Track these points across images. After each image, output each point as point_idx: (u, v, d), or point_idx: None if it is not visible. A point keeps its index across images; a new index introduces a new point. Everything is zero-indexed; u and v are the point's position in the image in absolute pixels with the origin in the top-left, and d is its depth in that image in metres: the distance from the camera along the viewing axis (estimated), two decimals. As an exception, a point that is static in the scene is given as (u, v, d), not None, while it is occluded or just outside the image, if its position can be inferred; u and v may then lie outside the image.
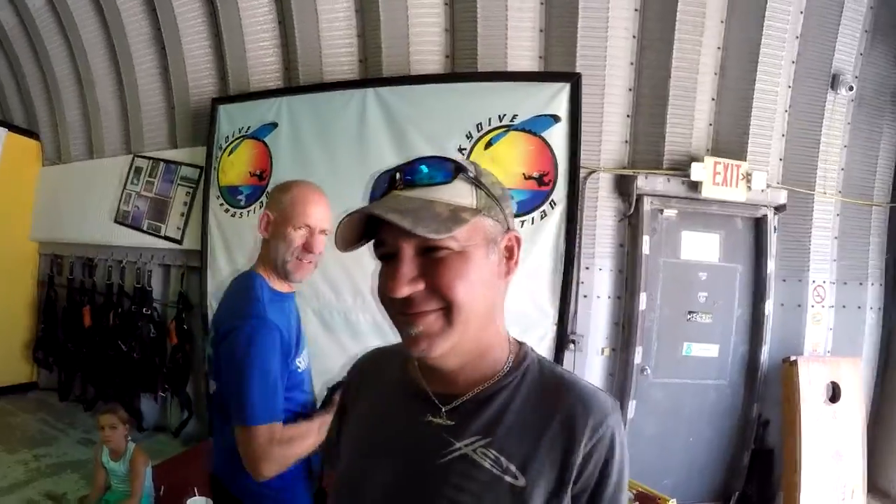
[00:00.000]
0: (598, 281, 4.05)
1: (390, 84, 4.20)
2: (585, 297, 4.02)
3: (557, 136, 3.70)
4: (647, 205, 3.93)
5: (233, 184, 4.73)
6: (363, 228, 0.87)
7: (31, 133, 6.94)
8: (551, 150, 3.71)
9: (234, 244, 4.71)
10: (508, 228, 0.92)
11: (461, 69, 4.21)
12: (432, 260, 0.82)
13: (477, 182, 0.87)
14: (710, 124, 4.04)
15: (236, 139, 4.74)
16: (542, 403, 0.90)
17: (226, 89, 5.06)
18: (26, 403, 6.46)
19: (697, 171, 3.79)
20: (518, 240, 0.92)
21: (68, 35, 5.96)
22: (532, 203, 3.74)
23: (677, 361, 4.07)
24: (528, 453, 0.86)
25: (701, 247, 4.10)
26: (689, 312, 4.05)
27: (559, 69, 3.93)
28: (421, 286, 0.82)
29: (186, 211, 5.30)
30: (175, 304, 5.39)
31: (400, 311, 0.85)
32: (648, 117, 3.99)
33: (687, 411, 4.11)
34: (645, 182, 3.91)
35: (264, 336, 1.69)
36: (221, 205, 4.78)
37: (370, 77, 4.42)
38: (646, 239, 3.92)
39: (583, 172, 3.88)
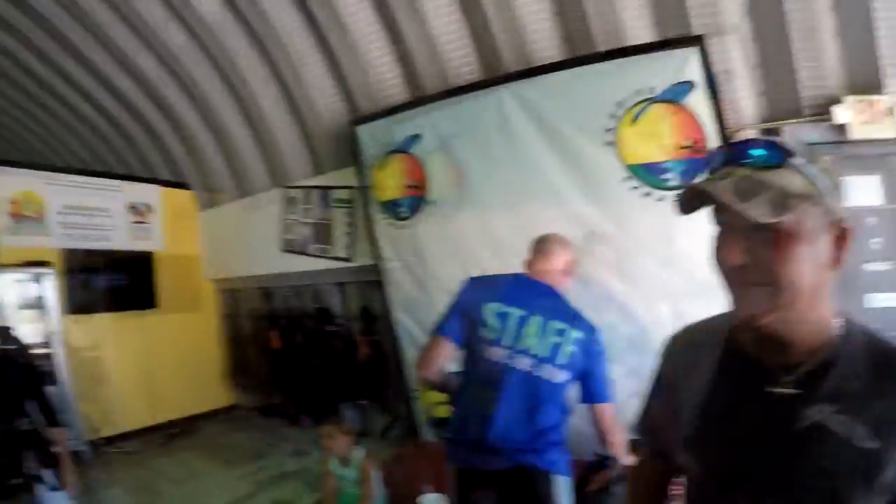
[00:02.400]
0: None
1: (519, 78, 4.17)
2: None
3: (698, 101, 3.60)
4: None
5: (392, 198, 4.92)
6: (700, 199, 0.91)
7: (180, 185, 7.62)
8: (695, 116, 3.61)
9: (406, 255, 4.94)
10: (839, 219, 0.91)
11: (581, 51, 4.09)
12: (761, 237, 0.86)
13: (809, 168, 0.87)
14: (840, 61, 3.69)
15: (384, 155, 4.90)
16: (883, 367, 0.89)
17: (357, 110, 5.24)
18: (233, 423, 7.32)
19: (841, 113, 3.55)
20: (848, 231, 0.91)
21: (191, 89, 6.36)
22: (691, 173, 3.63)
23: (863, 315, 3.70)
24: (879, 416, 0.86)
25: (863, 191, 3.77)
26: (865, 262, 3.75)
27: (676, 33, 3.75)
28: (748, 259, 0.87)
29: (350, 230, 5.66)
30: (358, 317, 5.80)
31: (731, 277, 0.91)
32: (776, 65, 3.76)
33: None
34: (791, 133, 3.70)
35: None
36: (385, 219, 5.00)
37: (495, 76, 4.39)
38: None
39: (729, 133, 3.71)
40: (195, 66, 6.03)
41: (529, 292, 2.44)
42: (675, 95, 3.63)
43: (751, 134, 3.74)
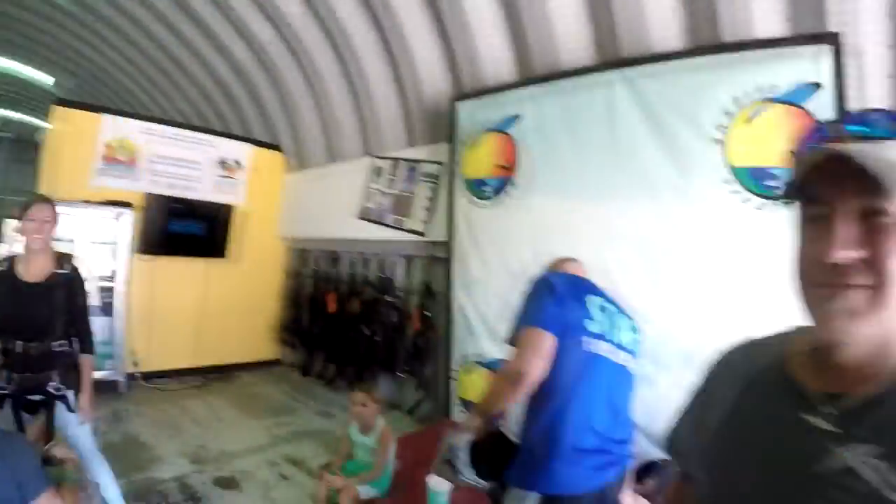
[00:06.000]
0: None
1: (633, 65, 4.05)
2: None
3: (821, 106, 3.28)
4: None
5: (478, 176, 4.93)
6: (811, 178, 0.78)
7: (273, 146, 7.98)
8: (817, 122, 3.34)
9: (480, 235, 4.91)
10: None
11: (703, 42, 3.91)
12: (874, 226, 0.73)
13: None
14: None
15: (479, 133, 4.94)
16: None
17: (461, 88, 5.30)
18: (271, 377, 7.49)
19: None
20: None
21: (300, 58, 6.63)
22: None
23: None
24: None
25: None
26: None
27: (809, 30, 3.44)
28: (856, 253, 0.73)
29: (430, 205, 5.69)
30: (417, 292, 5.82)
31: (824, 281, 0.76)
32: None
33: None
34: None
35: None
36: (467, 197, 5.01)
37: (609, 60, 4.30)
38: None
39: None
40: (306, 34, 6.30)
41: (606, 293, 2.37)
42: (798, 97, 3.37)
43: None
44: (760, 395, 0.92)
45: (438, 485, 3.15)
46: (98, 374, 5.03)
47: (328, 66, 6.43)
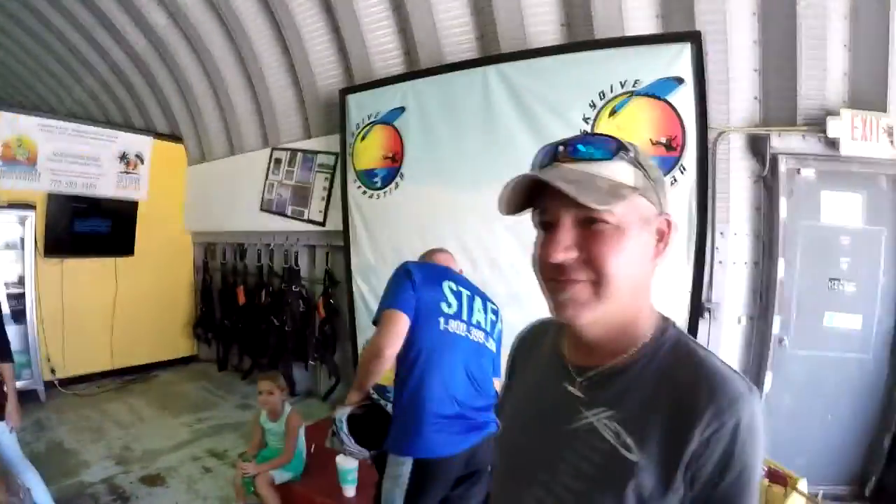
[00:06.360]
0: (733, 247, 3.89)
1: (510, 60, 4.24)
2: (721, 263, 3.88)
3: (683, 99, 3.58)
4: (783, 165, 3.68)
5: (368, 167, 5.07)
6: (526, 195, 0.90)
7: (174, 137, 7.79)
8: (677, 114, 3.60)
9: (373, 224, 5.08)
10: (662, 211, 0.93)
11: (579, 37, 4.12)
12: (589, 232, 0.85)
13: (636, 162, 0.88)
14: (846, 73, 3.64)
15: (367, 125, 5.06)
16: (668, 380, 0.87)
17: (351, 79, 5.38)
18: (188, 374, 7.49)
19: (834, 127, 3.48)
20: (671, 224, 0.93)
21: (195, 46, 6.51)
22: (666, 168, 3.61)
23: (817, 333, 3.80)
24: (646, 430, 0.84)
25: (842, 209, 3.76)
26: (831, 280, 3.76)
27: (679, 28, 3.73)
28: (575, 255, 0.85)
29: (326, 195, 5.79)
30: (322, 281, 5.94)
31: (552, 276, 0.88)
32: (778, 71, 3.69)
33: (826, 387, 3.81)
34: (779, 141, 3.67)
35: None
36: (359, 188, 5.14)
37: (490, 54, 4.48)
38: (783, 201, 3.70)
39: (712, 134, 3.73)
40: (203, 24, 6.20)
41: (463, 278, 2.65)
42: (659, 90, 3.65)
43: (734, 137, 3.83)
44: (539, 367, 1.09)
45: (346, 462, 3.39)
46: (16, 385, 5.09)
47: (224, 56, 6.38)
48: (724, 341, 3.90)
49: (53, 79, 8.80)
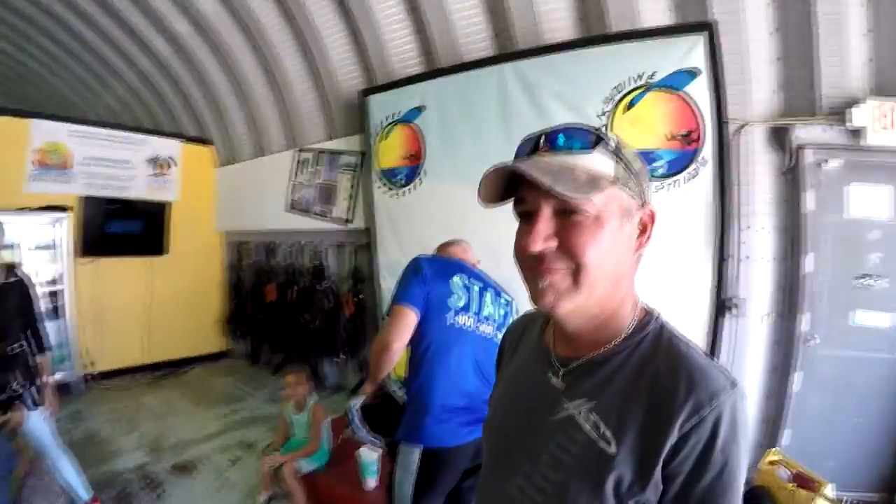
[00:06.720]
0: (759, 241, 3.77)
1: (525, 56, 4.27)
2: (747, 258, 3.77)
3: (699, 91, 3.55)
4: (808, 157, 3.52)
5: (390, 166, 5.20)
6: (505, 186, 0.91)
7: (203, 140, 8.07)
8: (694, 106, 3.57)
9: (397, 221, 5.22)
10: (644, 203, 0.93)
11: (594, 31, 4.09)
12: (568, 222, 0.85)
13: (616, 154, 0.88)
14: (871, 59, 3.43)
15: (388, 125, 5.19)
16: (648, 373, 0.87)
17: (372, 80, 5.50)
18: (221, 369, 7.76)
19: (858, 116, 3.31)
20: (653, 216, 0.94)
21: (219, 53, 6.71)
22: (680, 163, 3.63)
23: (847, 331, 3.60)
24: (625, 422, 0.84)
25: (871, 202, 3.56)
26: (860, 276, 3.55)
27: (694, 19, 3.65)
28: (554, 244, 0.86)
29: (351, 195, 5.94)
30: (349, 277, 6.09)
31: (531, 266, 0.88)
32: (797, 59, 3.54)
33: (856, 388, 3.59)
34: (803, 132, 3.53)
35: None
36: (382, 186, 5.28)
37: (506, 52, 4.52)
38: (808, 195, 3.54)
39: (733, 126, 3.65)
40: (226, 31, 6.39)
41: (474, 271, 2.69)
42: (675, 83, 3.63)
43: (755, 129, 3.72)
44: (526, 358, 1.12)
45: (367, 455, 3.52)
46: (54, 378, 5.33)
47: (247, 61, 6.55)
48: (750, 338, 3.81)
49: (85, 87, 9.10)
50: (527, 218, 0.90)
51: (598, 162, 0.87)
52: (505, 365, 1.24)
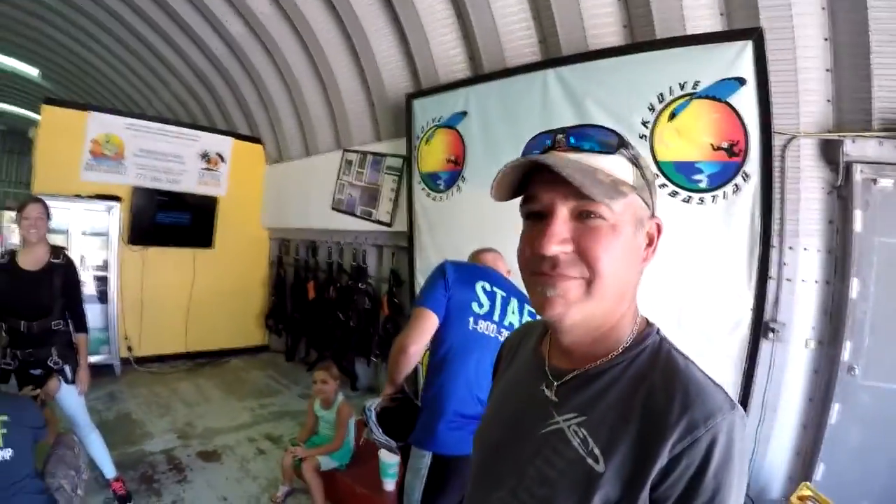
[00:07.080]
0: (803, 262, 3.55)
1: (567, 63, 4.19)
2: (789, 280, 3.56)
3: (745, 101, 3.37)
4: (858, 174, 3.29)
5: (432, 170, 5.24)
6: (518, 181, 0.86)
7: (253, 139, 8.32)
8: (739, 117, 3.39)
9: (436, 226, 5.24)
10: (653, 214, 0.89)
11: (640, 38, 3.97)
12: (585, 226, 0.80)
13: (635, 160, 0.85)
14: None
15: (431, 129, 5.23)
16: (643, 389, 0.82)
17: (418, 84, 5.57)
18: (258, 362, 7.95)
19: None
20: (660, 228, 0.89)
21: (272, 53, 6.91)
22: (723, 176, 3.47)
23: (891, 363, 3.36)
24: (614, 439, 0.80)
25: None
26: None
27: (742, 25, 3.45)
28: (570, 248, 0.80)
29: (394, 197, 6.01)
30: (387, 279, 6.16)
31: (542, 270, 0.82)
32: (851, 70, 3.29)
33: None
34: (854, 147, 3.29)
35: None
36: (423, 190, 5.32)
37: (550, 58, 4.48)
38: (858, 214, 3.30)
39: (781, 139, 3.47)
40: (278, 34, 6.57)
41: (501, 280, 2.65)
42: (720, 92, 3.46)
43: (804, 143, 3.53)
44: (521, 368, 1.07)
45: (388, 457, 3.55)
46: (94, 359, 5.62)
47: (299, 62, 6.71)
48: (789, 365, 3.59)
49: (143, 84, 9.48)
50: (536, 218, 0.84)
51: (618, 165, 0.83)
52: (501, 374, 1.19)
